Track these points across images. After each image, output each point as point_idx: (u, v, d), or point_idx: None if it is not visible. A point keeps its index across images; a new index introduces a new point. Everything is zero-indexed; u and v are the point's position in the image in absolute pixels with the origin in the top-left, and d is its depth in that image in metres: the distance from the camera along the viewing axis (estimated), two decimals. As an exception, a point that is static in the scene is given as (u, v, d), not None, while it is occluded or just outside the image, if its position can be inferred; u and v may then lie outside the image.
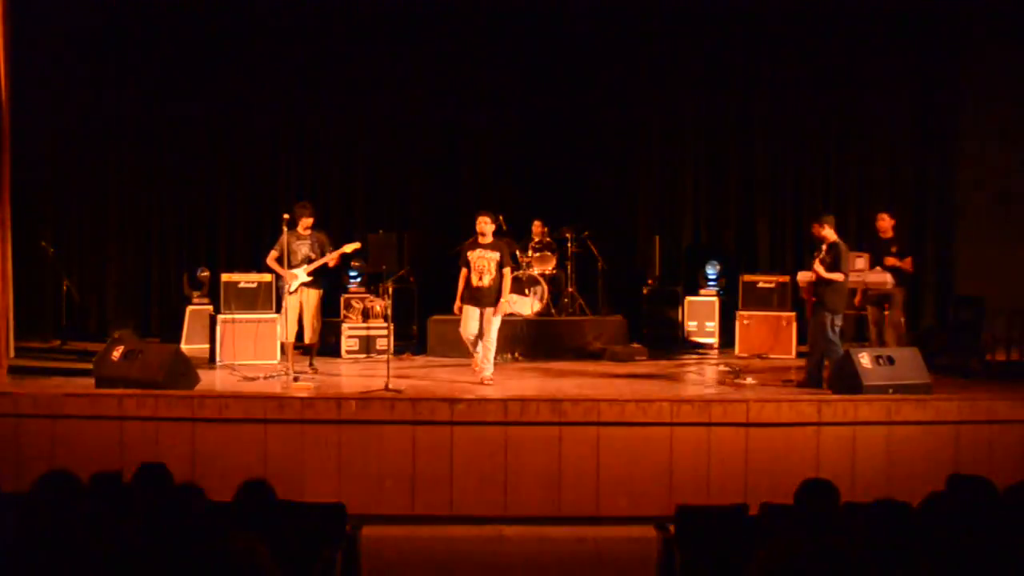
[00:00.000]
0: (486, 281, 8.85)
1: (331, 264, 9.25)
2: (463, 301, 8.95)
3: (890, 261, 9.84)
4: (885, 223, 10.05)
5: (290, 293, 9.18)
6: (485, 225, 8.95)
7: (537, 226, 11.59)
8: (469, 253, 8.99)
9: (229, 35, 12.66)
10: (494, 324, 8.89)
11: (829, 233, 8.76)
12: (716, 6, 12.56)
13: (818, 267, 8.54)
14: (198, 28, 12.55)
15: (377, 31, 12.80)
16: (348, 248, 9.30)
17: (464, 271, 8.96)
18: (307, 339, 9.29)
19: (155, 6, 12.43)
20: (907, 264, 10.05)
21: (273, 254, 9.31)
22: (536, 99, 12.92)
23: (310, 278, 9.19)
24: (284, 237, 9.19)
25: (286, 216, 9.19)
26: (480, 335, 8.89)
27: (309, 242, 9.24)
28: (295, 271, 9.16)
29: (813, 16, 12.37)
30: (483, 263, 8.90)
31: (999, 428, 7.65)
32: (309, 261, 9.18)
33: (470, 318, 8.90)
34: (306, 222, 9.30)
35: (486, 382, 8.78)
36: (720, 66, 12.72)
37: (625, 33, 12.78)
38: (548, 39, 12.74)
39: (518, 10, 12.66)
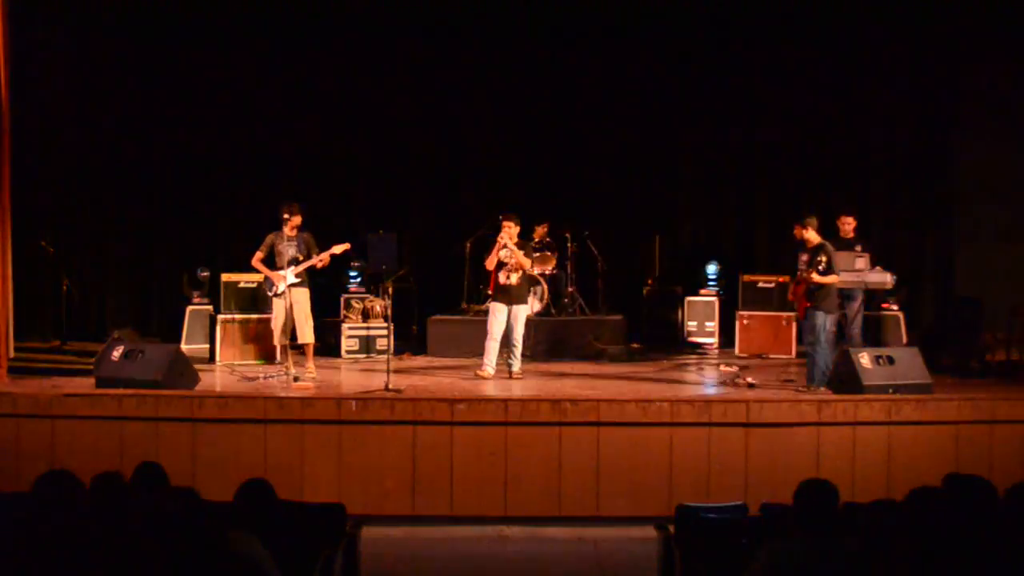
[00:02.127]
0: (514, 279, 9.19)
1: (319, 266, 9.05)
2: (493, 299, 9.30)
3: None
4: (848, 225, 10.02)
5: (277, 295, 9.03)
6: (512, 229, 9.21)
7: (543, 228, 11.61)
8: (501, 252, 9.26)
9: (229, 34, 12.63)
10: (521, 321, 9.24)
11: (812, 235, 8.71)
12: (716, 8, 12.55)
13: (814, 276, 8.43)
14: (198, 27, 12.52)
15: (377, 32, 12.78)
16: (338, 249, 9.10)
17: (491, 257, 9.24)
18: (301, 339, 9.17)
19: (156, 7, 12.42)
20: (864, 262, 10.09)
21: (258, 255, 9.13)
22: (536, 98, 12.91)
23: (297, 279, 9.05)
24: (270, 237, 9.11)
25: (286, 216, 9.10)
26: (507, 333, 9.20)
27: (296, 243, 9.03)
28: (283, 272, 8.98)
29: (813, 16, 12.36)
30: (512, 262, 9.17)
31: (999, 428, 7.65)
32: (296, 262, 8.99)
33: (499, 314, 9.18)
34: (293, 222, 9.04)
35: (515, 376, 9.16)
36: (720, 65, 12.71)
37: (625, 33, 12.77)
38: (548, 39, 12.72)
39: (518, 11, 12.65)
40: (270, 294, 9.11)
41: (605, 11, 12.58)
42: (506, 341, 9.28)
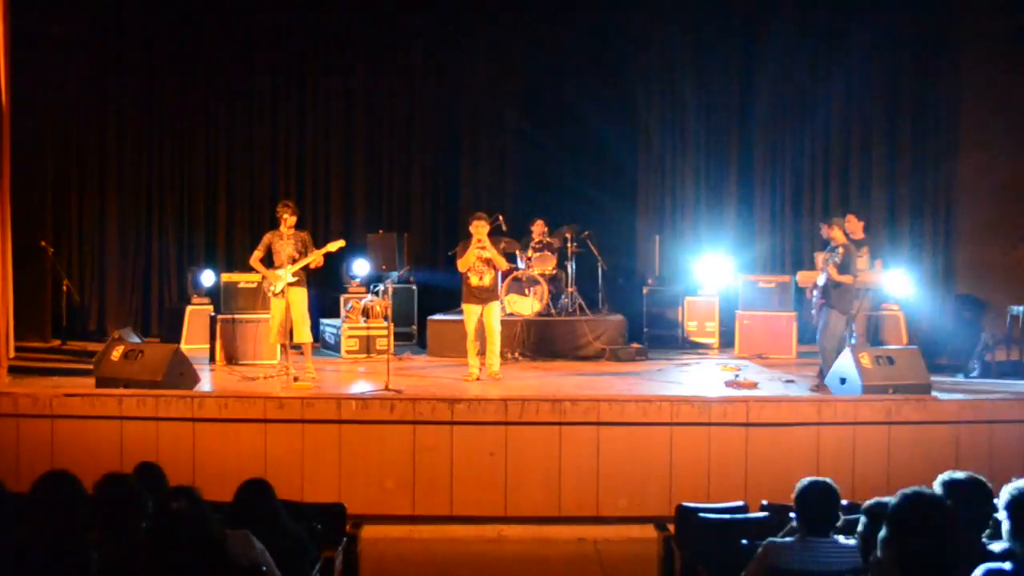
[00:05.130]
0: (487, 280, 9.07)
1: (314, 265, 8.99)
2: (466, 300, 9.18)
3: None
4: (853, 225, 10.04)
5: (275, 295, 8.98)
6: (480, 229, 9.12)
7: (539, 225, 11.59)
8: (479, 251, 9.17)
9: (229, 35, 12.65)
10: (495, 319, 9.11)
11: (838, 235, 8.78)
12: (716, 6, 12.56)
13: (831, 270, 8.52)
14: (198, 29, 12.55)
15: (377, 30, 12.80)
16: (332, 247, 9.04)
17: (466, 258, 9.13)
18: (299, 339, 9.12)
19: (156, 8, 12.43)
20: (877, 266, 10.14)
21: (257, 254, 9.09)
22: (536, 98, 12.93)
23: (295, 278, 8.98)
24: (267, 237, 9.10)
25: (285, 218, 9.07)
26: (481, 332, 9.10)
27: (293, 242, 8.98)
28: (279, 272, 8.93)
29: (813, 16, 12.38)
30: (481, 264, 9.10)
31: (999, 428, 7.65)
32: (293, 261, 8.93)
33: (472, 317, 9.11)
34: (289, 221, 8.99)
35: (496, 377, 9.03)
36: (720, 66, 12.72)
37: (625, 31, 12.78)
38: (547, 38, 12.74)
39: (518, 9, 12.66)
40: (269, 294, 9.09)
41: (604, 11, 12.61)
42: (483, 342, 9.18)
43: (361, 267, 11.87)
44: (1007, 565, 3.18)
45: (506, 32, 12.80)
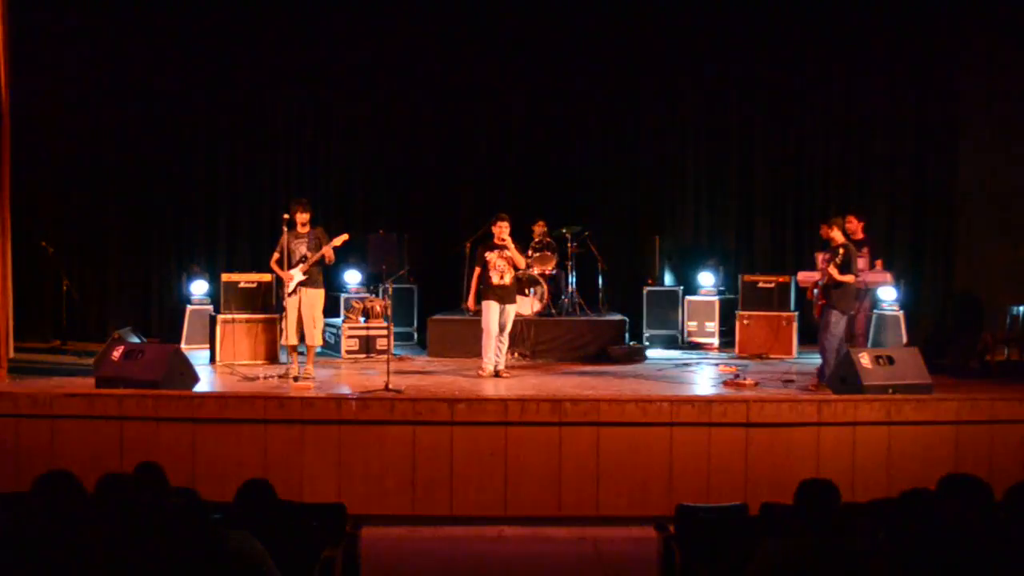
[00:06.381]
0: (508, 279, 9.33)
1: (328, 260, 9.01)
2: (486, 298, 9.35)
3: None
4: (852, 225, 10.04)
5: (289, 295, 8.99)
6: (504, 230, 9.34)
7: (539, 226, 11.61)
8: (487, 254, 9.37)
9: (228, 35, 12.65)
10: (511, 320, 9.44)
11: (837, 235, 8.79)
12: (716, 5, 12.56)
13: (832, 270, 8.53)
14: (198, 29, 12.54)
15: (377, 31, 12.80)
16: (338, 241, 9.01)
17: (478, 270, 9.45)
18: (308, 341, 9.10)
19: (157, 7, 12.43)
20: (878, 266, 10.16)
21: (275, 256, 9.13)
22: (537, 99, 12.93)
23: (305, 276, 8.96)
24: (284, 238, 9.11)
25: (286, 216, 9.09)
26: (500, 330, 9.36)
27: (306, 240, 9.00)
28: (292, 271, 8.96)
29: (813, 16, 12.38)
30: (503, 262, 9.29)
31: (999, 428, 7.66)
32: (305, 260, 9.00)
33: (494, 314, 9.28)
34: (303, 218, 9.03)
35: (504, 374, 9.28)
36: (720, 67, 12.72)
37: (625, 32, 12.78)
38: (549, 39, 12.74)
39: (519, 10, 12.67)
40: (285, 295, 9.08)
41: (605, 11, 12.62)
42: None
43: (353, 276, 11.88)
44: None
45: (507, 33, 12.79)
